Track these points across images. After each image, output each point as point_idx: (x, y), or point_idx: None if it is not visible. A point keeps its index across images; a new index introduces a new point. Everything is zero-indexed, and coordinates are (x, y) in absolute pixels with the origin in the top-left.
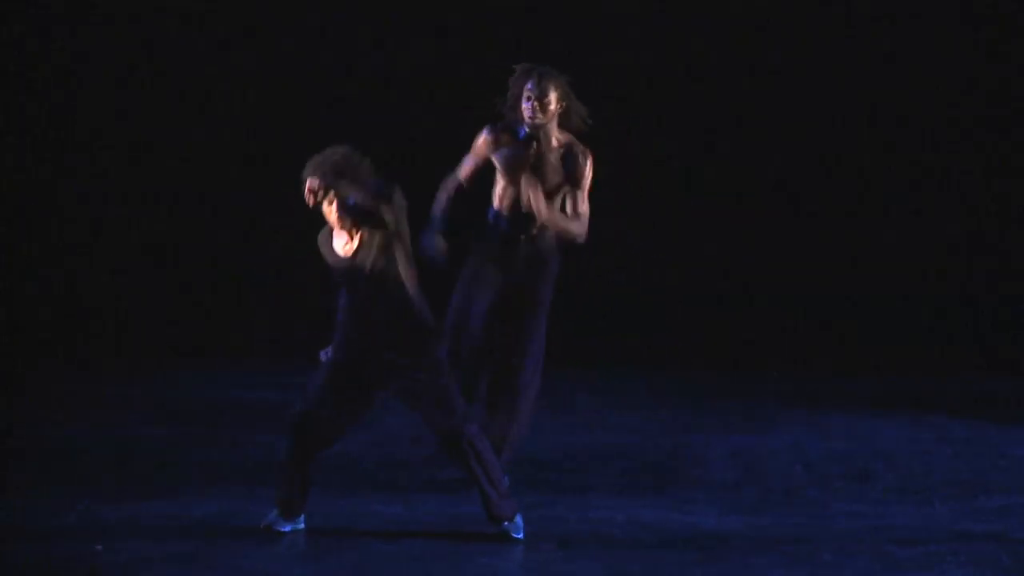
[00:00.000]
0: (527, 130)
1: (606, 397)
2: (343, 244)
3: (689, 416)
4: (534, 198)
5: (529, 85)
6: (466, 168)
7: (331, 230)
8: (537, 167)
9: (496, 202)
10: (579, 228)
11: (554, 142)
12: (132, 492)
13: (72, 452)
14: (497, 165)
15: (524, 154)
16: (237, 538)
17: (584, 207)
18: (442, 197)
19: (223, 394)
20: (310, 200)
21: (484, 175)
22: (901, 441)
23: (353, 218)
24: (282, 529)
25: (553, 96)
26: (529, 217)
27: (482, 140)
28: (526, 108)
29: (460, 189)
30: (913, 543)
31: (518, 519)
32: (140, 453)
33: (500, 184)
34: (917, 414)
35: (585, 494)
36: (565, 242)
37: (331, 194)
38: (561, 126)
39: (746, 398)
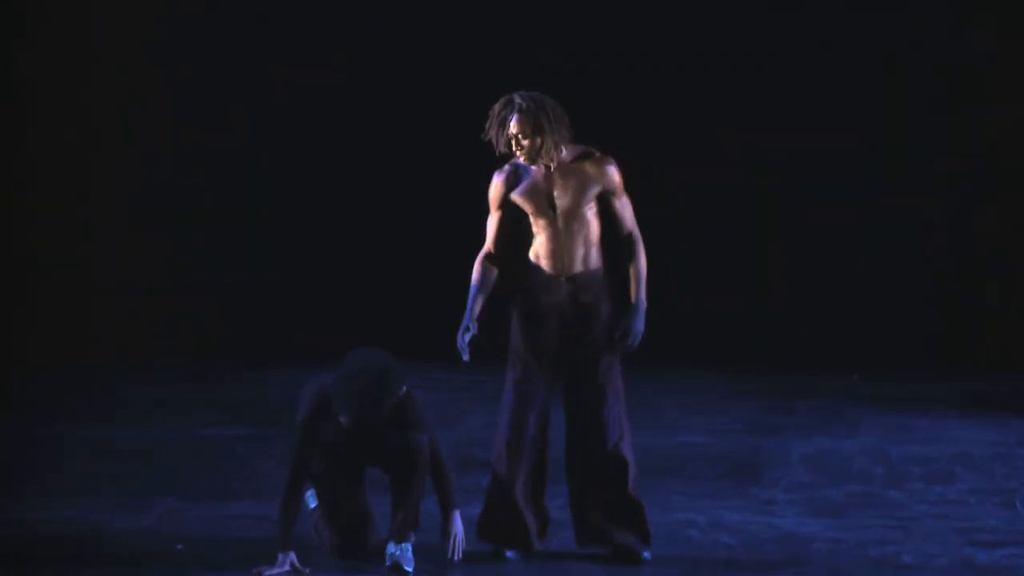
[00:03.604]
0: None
1: (688, 398)
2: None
3: (771, 417)
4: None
5: (507, 127)
6: (491, 229)
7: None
8: (555, 189)
9: (532, 254)
10: (642, 255)
11: (565, 158)
12: (214, 492)
13: (154, 451)
14: (520, 205)
15: (539, 180)
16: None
17: (627, 213)
18: (474, 279)
19: (297, 394)
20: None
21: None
22: (983, 443)
23: None
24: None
25: (530, 133)
26: (569, 257)
27: (494, 189)
28: (516, 151)
29: (493, 259)
30: (995, 545)
31: None
32: (222, 453)
33: (533, 230)
34: (1000, 416)
35: (667, 495)
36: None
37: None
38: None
39: (827, 399)
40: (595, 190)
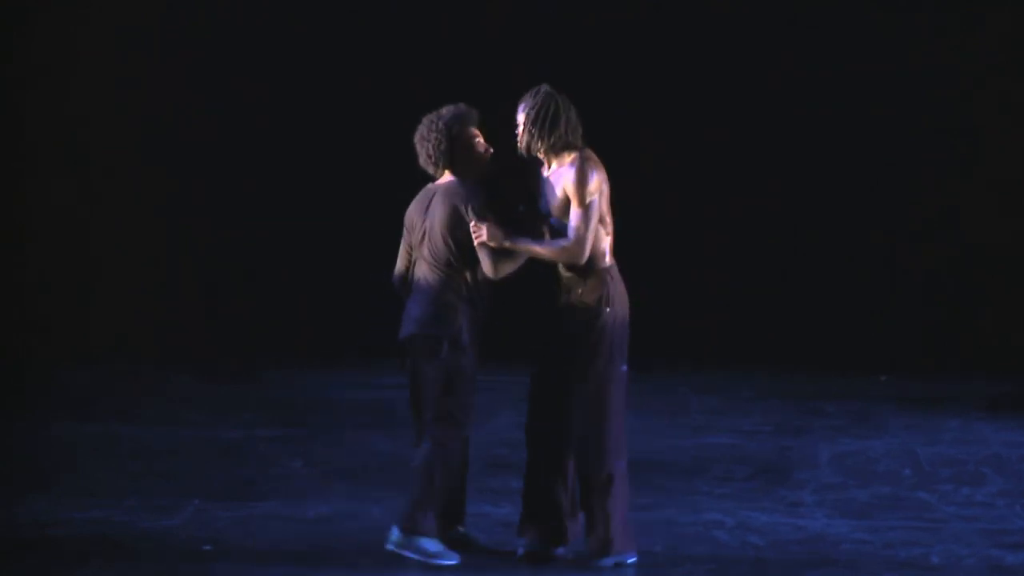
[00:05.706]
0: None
1: (715, 399)
2: None
3: (798, 418)
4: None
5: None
6: None
7: None
8: (546, 192)
9: None
10: (560, 250)
11: (555, 163)
12: (240, 492)
13: (180, 452)
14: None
15: (542, 184)
16: (347, 538)
17: (574, 221)
18: None
19: (321, 395)
20: None
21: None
22: (1012, 444)
23: None
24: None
25: (518, 122)
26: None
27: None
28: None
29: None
30: (1023, 547)
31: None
32: (248, 453)
33: None
34: None
35: (694, 496)
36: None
37: None
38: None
39: (855, 401)
40: (562, 196)
